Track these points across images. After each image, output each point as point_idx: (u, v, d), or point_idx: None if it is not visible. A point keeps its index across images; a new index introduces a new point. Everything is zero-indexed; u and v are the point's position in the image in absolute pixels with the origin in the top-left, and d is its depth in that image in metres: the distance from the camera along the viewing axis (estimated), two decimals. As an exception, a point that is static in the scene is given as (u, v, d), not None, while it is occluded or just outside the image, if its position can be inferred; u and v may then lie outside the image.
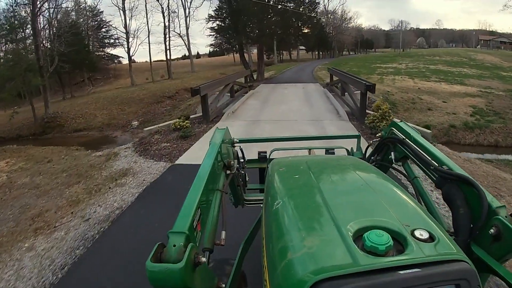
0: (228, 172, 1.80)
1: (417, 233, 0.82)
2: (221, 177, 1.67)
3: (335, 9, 53.56)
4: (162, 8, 36.10)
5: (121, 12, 35.47)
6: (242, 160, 2.35)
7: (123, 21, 36.13)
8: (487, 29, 71.16)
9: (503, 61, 40.10)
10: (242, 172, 2.38)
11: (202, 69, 42.44)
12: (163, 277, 0.84)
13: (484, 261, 1.06)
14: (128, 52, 36.11)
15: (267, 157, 2.56)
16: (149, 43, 37.04)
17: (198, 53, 76.56)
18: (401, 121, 1.96)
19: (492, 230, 1.08)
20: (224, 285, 1.19)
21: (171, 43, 49.02)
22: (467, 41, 72.84)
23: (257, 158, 2.68)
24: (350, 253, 0.76)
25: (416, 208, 0.98)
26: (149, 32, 36.30)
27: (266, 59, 53.28)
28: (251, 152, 2.74)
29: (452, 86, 21.67)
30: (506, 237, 1.04)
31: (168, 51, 36.42)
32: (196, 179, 1.31)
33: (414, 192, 1.68)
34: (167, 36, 36.27)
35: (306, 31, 20.77)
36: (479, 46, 61.98)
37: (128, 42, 36.01)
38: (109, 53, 44.18)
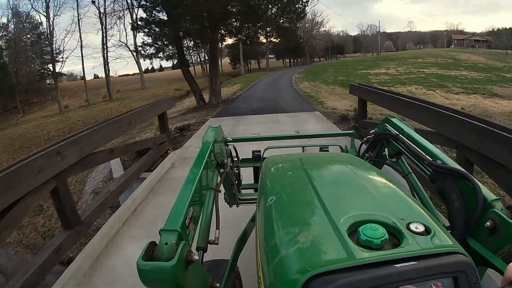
0: (221, 170, 1.69)
1: (412, 226, 0.76)
2: (215, 176, 1.56)
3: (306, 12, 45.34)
4: (100, 12, 26.62)
5: (42, 17, 25.80)
6: (236, 159, 2.12)
7: (47, 29, 26.37)
8: (455, 29, 66.07)
9: (488, 60, 35.47)
10: (236, 171, 2.21)
11: (157, 84, 33.50)
12: (155, 275, 0.78)
13: (481, 255, 1.00)
14: (53, 67, 26.44)
15: (261, 156, 2.41)
16: (81, 56, 27.19)
17: (161, 66, 66.47)
18: (394, 117, 1.82)
19: (488, 223, 0.99)
20: (218, 285, 1.09)
21: (118, 55, 39.20)
22: (436, 42, 67.61)
23: (251, 157, 2.49)
24: (345, 247, 0.70)
25: (410, 202, 0.92)
26: (81, 41, 26.60)
27: (232, 69, 44.74)
28: (244, 151, 2.37)
29: (495, 101, 14.51)
30: (502, 230, 0.97)
31: (107, 65, 26.97)
32: (188, 177, 1.21)
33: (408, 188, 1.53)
34: (105, 46, 26.77)
35: (285, 24, 11.95)
36: (452, 46, 56.55)
37: (53, 56, 26.34)
38: (50, 71, 34.00)
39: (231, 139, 2.02)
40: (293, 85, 18.78)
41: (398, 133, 1.62)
